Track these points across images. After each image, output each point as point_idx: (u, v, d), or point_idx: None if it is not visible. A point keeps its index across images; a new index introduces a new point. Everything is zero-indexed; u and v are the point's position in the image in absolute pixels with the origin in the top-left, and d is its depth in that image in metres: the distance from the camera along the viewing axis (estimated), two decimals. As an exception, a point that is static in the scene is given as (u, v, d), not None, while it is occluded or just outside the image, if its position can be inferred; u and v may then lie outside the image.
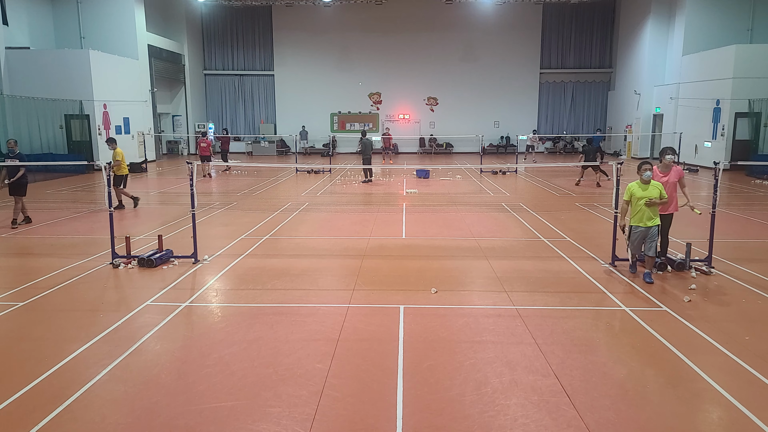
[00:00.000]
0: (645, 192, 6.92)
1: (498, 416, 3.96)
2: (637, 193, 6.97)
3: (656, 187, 6.94)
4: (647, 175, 6.97)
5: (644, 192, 6.92)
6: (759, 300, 6.47)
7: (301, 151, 31.21)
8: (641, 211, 6.94)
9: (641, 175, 7.00)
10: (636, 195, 6.97)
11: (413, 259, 8.39)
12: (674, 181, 7.50)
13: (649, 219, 6.94)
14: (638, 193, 6.98)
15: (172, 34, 29.26)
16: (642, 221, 6.97)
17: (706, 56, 22.51)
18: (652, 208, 6.94)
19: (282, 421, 3.92)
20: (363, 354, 5.01)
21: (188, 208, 8.82)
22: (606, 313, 6.05)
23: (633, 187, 7.04)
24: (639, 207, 6.94)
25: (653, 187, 6.95)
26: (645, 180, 6.98)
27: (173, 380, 4.52)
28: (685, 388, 4.37)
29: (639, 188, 7.01)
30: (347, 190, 16.66)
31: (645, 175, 6.98)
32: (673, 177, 7.52)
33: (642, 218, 6.96)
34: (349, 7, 30.05)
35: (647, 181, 6.98)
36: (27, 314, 6.06)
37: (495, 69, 31.85)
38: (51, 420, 3.92)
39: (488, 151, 31.58)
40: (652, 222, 6.96)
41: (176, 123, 30.71)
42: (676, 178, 7.53)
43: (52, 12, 23.89)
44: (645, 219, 6.94)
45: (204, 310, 6.23)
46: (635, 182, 7.08)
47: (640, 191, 6.97)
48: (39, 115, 20.26)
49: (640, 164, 7.06)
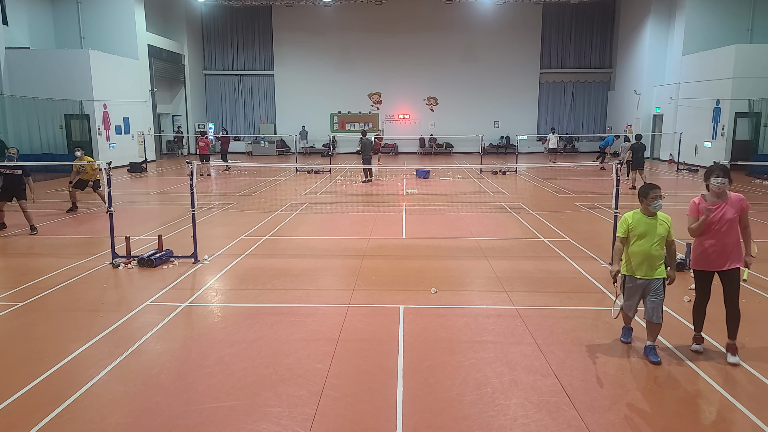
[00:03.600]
0: (647, 228, 4.81)
1: (498, 416, 3.96)
2: (637, 229, 4.81)
3: (665, 223, 4.85)
4: (656, 206, 4.80)
5: (646, 227, 4.81)
6: (759, 300, 6.47)
7: (301, 151, 31.21)
8: (642, 255, 4.81)
9: (648, 204, 4.80)
10: (635, 231, 4.82)
11: (413, 259, 8.39)
12: (733, 217, 4.84)
13: (652, 267, 4.82)
14: (638, 227, 4.81)
15: (172, 34, 29.26)
16: (641, 270, 4.84)
17: (706, 56, 22.51)
18: (657, 252, 4.82)
19: (282, 421, 3.92)
20: (363, 354, 5.01)
21: (188, 208, 8.82)
22: (606, 313, 6.05)
23: (631, 219, 4.88)
24: (639, 249, 4.81)
25: (661, 222, 4.84)
26: (651, 211, 4.84)
27: (173, 380, 4.52)
28: (684, 389, 4.38)
29: (640, 221, 4.84)
30: (347, 190, 16.66)
31: (654, 206, 4.79)
32: (732, 210, 4.84)
33: (641, 266, 4.83)
34: (349, 7, 30.05)
35: (653, 213, 4.86)
36: (27, 314, 6.06)
37: (495, 69, 31.85)
38: (51, 420, 3.92)
39: (488, 151, 31.57)
40: (655, 272, 4.82)
41: (176, 123, 30.70)
42: (736, 212, 4.86)
43: (52, 12, 23.89)
44: (645, 267, 4.82)
45: (204, 310, 6.23)
46: (633, 212, 4.96)
47: (642, 226, 4.81)
48: (39, 115, 20.27)
49: (645, 188, 4.87)
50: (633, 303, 5.01)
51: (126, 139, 23.85)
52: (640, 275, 4.85)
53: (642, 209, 4.91)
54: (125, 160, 22.37)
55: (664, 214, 4.90)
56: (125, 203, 13.74)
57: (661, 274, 4.84)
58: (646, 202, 4.84)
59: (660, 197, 4.83)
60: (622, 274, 5.00)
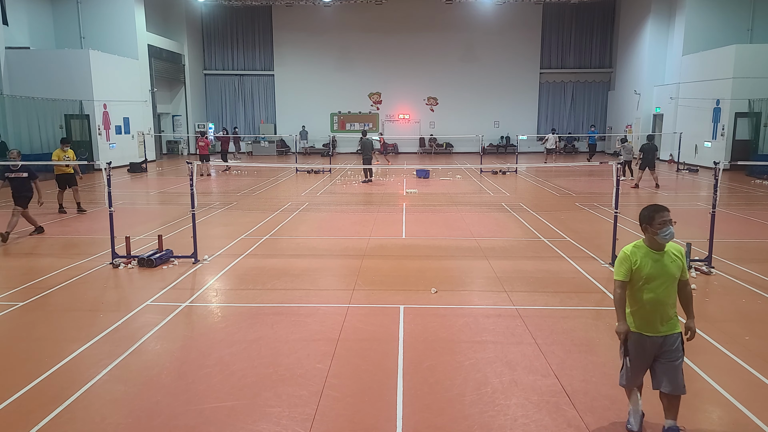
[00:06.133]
0: (656, 267, 3.49)
1: (498, 416, 3.96)
2: (643, 269, 3.49)
3: (677, 259, 3.53)
4: (666, 235, 3.47)
5: (655, 267, 3.49)
6: (759, 300, 6.47)
7: (301, 151, 31.21)
8: (651, 305, 3.50)
9: (655, 231, 3.48)
10: (641, 272, 3.49)
11: (413, 259, 8.39)
12: None
13: (664, 320, 3.53)
14: (644, 267, 3.49)
15: (172, 34, 29.26)
16: (650, 325, 3.53)
17: (706, 56, 22.50)
18: (671, 299, 3.54)
19: (282, 421, 3.92)
20: (363, 354, 5.01)
21: (188, 208, 8.82)
22: (606, 313, 6.05)
23: (633, 255, 3.55)
24: (648, 297, 3.50)
25: (673, 258, 3.52)
26: (659, 241, 3.49)
27: (173, 380, 4.52)
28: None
29: (646, 259, 3.51)
30: (347, 190, 16.66)
31: (662, 234, 3.46)
32: None
33: (651, 319, 3.53)
34: (349, 7, 30.05)
35: (662, 246, 3.52)
36: (27, 314, 6.06)
37: (495, 69, 31.84)
38: (51, 420, 3.91)
39: (488, 151, 31.56)
40: (668, 325, 3.54)
41: (176, 123, 30.72)
42: None
43: (52, 12, 23.89)
44: (656, 320, 3.52)
45: (204, 310, 6.23)
46: (634, 245, 3.62)
47: (649, 265, 3.49)
48: (39, 115, 20.24)
49: (649, 211, 3.53)
50: (640, 370, 3.64)
51: (126, 139, 23.84)
52: (650, 332, 3.53)
53: (646, 240, 3.55)
54: (125, 160, 22.37)
55: (677, 245, 3.61)
56: (125, 203, 13.74)
57: (675, 327, 3.55)
58: (652, 231, 3.48)
59: (670, 222, 3.48)
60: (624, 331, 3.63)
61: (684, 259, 3.59)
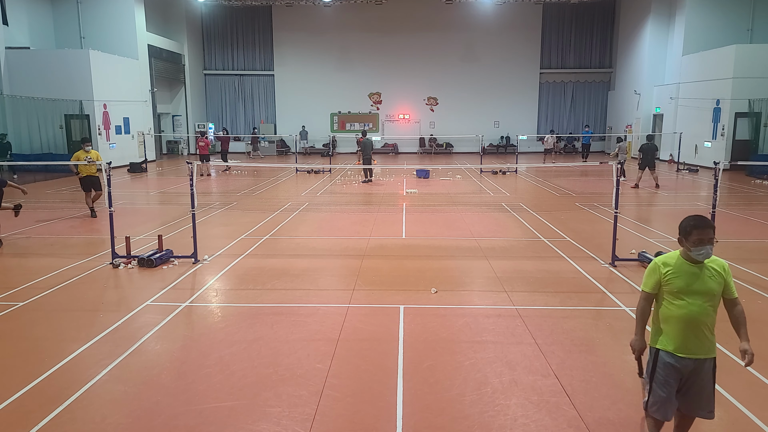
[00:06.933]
0: (691, 280, 3.17)
1: (498, 416, 3.96)
2: (676, 281, 3.18)
3: (717, 273, 3.18)
4: (699, 255, 3.14)
5: (690, 279, 3.17)
6: (759, 300, 6.47)
7: (301, 151, 31.21)
8: (684, 321, 3.18)
9: (689, 246, 3.16)
10: (673, 285, 3.19)
11: (413, 259, 8.39)
12: None
13: (700, 341, 3.20)
14: (677, 280, 3.18)
15: (172, 34, 29.26)
16: (683, 344, 3.20)
17: (706, 56, 22.51)
18: (709, 318, 3.19)
19: (282, 421, 3.92)
20: (363, 354, 5.01)
21: (188, 208, 8.82)
22: (606, 313, 6.05)
23: (664, 266, 3.23)
24: (680, 312, 3.18)
25: (712, 273, 3.18)
26: (695, 258, 3.16)
27: (173, 380, 4.52)
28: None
29: (680, 270, 3.20)
30: (347, 190, 16.66)
31: (695, 253, 3.14)
32: None
33: (684, 337, 3.20)
34: (349, 7, 30.04)
35: (700, 261, 3.18)
36: (27, 314, 6.06)
37: (495, 69, 31.84)
38: (51, 420, 3.92)
39: (488, 151, 31.56)
40: (704, 349, 3.22)
41: (176, 123, 30.72)
42: None
43: (52, 12, 23.89)
44: (689, 340, 3.19)
45: (204, 310, 6.23)
46: (669, 255, 3.30)
47: (682, 277, 3.18)
48: (39, 115, 20.26)
49: (688, 223, 3.18)
50: (669, 396, 3.23)
51: (126, 139, 23.84)
52: (682, 352, 3.18)
53: (683, 252, 3.22)
54: (125, 160, 22.37)
55: (720, 260, 3.24)
56: (125, 203, 13.74)
57: (710, 352, 3.22)
58: (687, 245, 3.16)
59: (711, 242, 3.12)
60: (651, 347, 3.32)
61: (728, 276, 3.21)
